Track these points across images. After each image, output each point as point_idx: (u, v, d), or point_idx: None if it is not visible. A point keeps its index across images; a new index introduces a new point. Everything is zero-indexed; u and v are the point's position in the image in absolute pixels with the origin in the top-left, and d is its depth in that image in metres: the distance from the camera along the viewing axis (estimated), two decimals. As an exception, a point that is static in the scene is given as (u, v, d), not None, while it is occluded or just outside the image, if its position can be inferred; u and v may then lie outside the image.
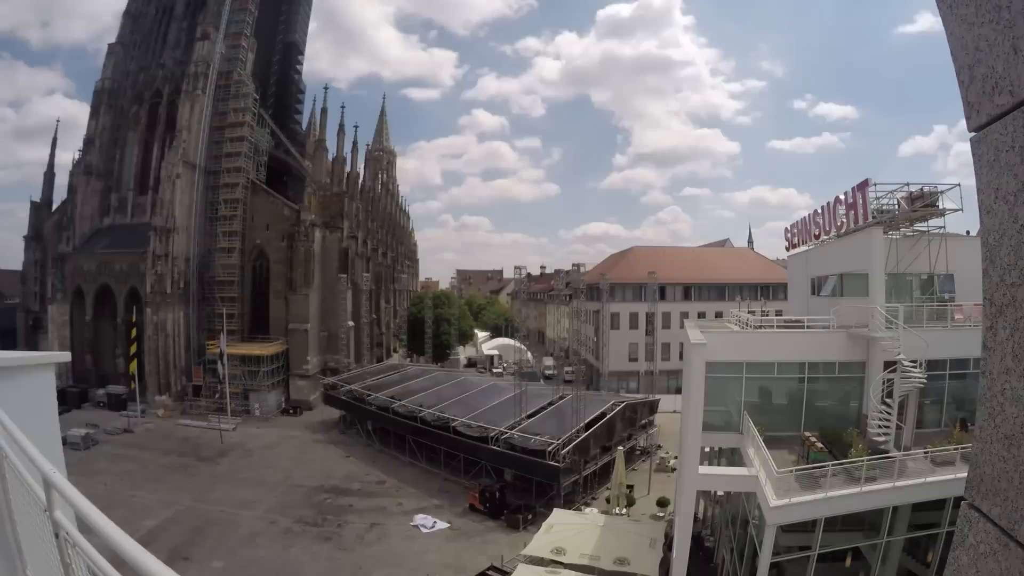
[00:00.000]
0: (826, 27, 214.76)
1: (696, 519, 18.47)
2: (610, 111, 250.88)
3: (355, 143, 65.67)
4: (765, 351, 18.45)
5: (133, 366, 45.15)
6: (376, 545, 24.70)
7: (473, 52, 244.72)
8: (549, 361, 64.28)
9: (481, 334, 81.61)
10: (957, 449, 14.22)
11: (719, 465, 20.27)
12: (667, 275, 50.27)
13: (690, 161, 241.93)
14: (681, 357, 32.83)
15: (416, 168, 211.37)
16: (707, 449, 19.90)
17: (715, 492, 22.01)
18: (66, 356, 5.51)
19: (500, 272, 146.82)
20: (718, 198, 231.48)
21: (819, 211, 22.72)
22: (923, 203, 18.67)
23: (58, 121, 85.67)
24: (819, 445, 15.68)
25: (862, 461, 14.23)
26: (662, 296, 49.68)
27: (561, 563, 18.22)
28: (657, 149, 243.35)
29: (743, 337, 19.38)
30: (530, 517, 25.83)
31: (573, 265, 75.62)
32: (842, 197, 20.56)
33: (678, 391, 36.44)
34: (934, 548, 15.02)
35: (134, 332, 45.64)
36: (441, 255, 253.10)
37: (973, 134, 1.27)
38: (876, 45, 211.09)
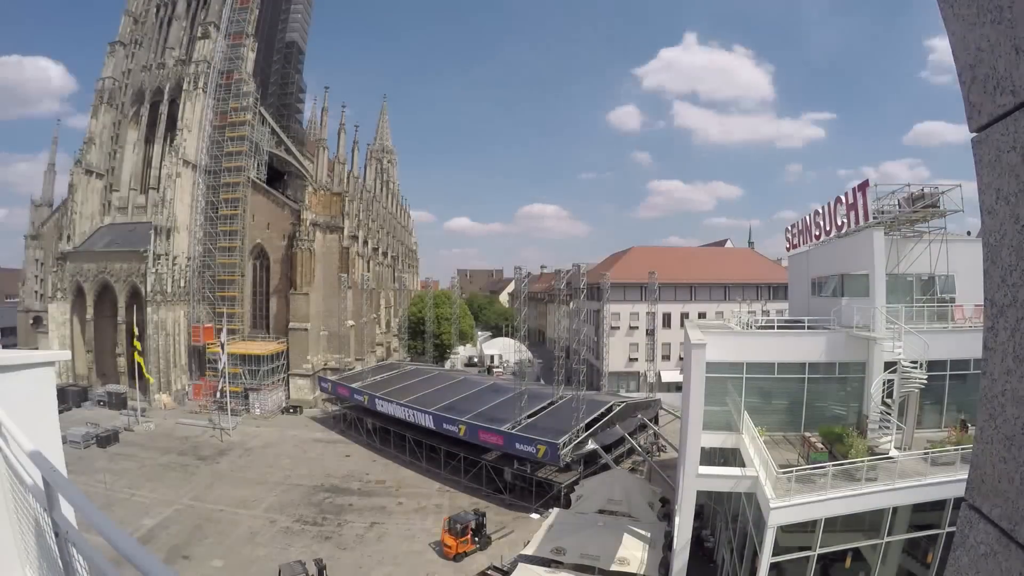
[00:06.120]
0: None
1: (696, 519, 18.44)
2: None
3: (355, 142, 65.64)
4: (765, 351, 18.45)
5: (139, 360, 44.95)
6: (376, 545, 24.70)
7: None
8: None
9: (481, 334, 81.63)
10: (957, 450, 14.22)
11: (719, 465, 20.26)
12: (667, 275, 50.20)
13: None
14: (681, 357, 32.79)
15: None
16: (707, 449, 19.90)
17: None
18: (66, 355, 5.51)
19: (500, 271, 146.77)
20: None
21: (819, 211, 22.68)
22: (924, 204, 18.67)
23: (58, 121, 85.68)
24: (819, 446, 15.68)
25: (862, 462, 14.24)
26: (662, 296, 49.63)
27: (561, 563, 18.23)
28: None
29: (743, 337, 19.37)
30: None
31: (573, 265, 75.87)
32: (843, 198, 20.54)
33: (678, 389, 36.42)
34: (934, 549, 15.01)
35: (136, 331, 45.57)
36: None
37: (974, 134, 1.27)
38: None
